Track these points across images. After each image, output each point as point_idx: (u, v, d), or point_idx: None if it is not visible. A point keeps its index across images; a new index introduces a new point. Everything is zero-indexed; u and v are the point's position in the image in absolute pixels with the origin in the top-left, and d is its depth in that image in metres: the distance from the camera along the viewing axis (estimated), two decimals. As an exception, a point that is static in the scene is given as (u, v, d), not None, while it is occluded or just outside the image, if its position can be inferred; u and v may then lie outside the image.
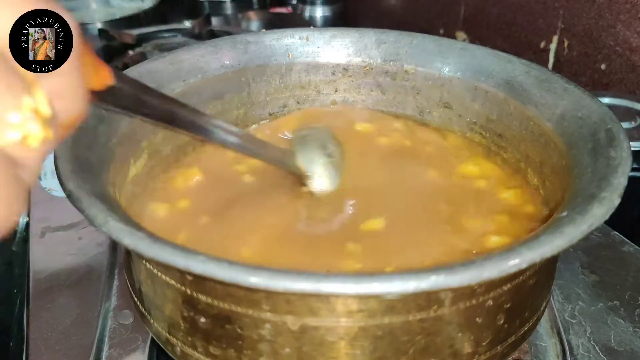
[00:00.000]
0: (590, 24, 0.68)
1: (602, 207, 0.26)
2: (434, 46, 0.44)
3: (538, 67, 0.39)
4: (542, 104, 0.37)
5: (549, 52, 0.75)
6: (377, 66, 0.46)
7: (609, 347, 0.37)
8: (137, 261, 0.30)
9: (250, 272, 0.23)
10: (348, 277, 0.23)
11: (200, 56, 0.42)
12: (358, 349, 0.26)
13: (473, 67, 0.42)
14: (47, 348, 0.38)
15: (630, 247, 0.45)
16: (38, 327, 0.39)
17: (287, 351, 0.27)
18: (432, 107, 0.45)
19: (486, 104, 0.41)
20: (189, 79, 0.41)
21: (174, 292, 0.28)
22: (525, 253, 0.24)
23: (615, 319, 0.39)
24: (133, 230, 0.25)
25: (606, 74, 0.67)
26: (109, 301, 0.41)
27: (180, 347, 0.30)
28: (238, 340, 0.27)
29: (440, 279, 0.22)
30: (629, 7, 0.62)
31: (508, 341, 0.30)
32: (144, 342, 0.38)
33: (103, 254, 0.46)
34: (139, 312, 0.32)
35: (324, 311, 0.25)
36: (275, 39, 0.45)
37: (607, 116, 0.32)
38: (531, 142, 0.38)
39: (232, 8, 1.20)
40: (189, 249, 0.24)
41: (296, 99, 0.47)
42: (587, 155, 0.31)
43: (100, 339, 0.38)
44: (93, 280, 0.43)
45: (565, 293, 0.41)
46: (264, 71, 0.45)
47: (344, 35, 0.46)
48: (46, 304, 0.41)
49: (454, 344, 0.27)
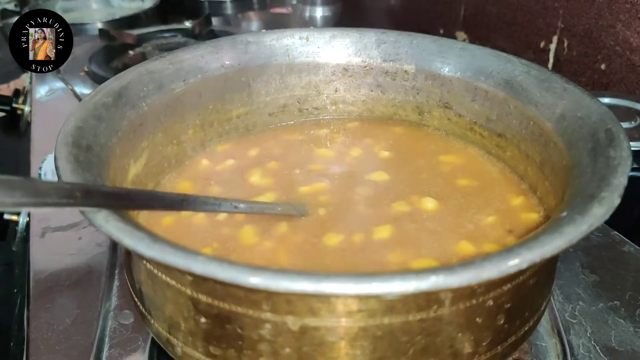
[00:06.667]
0: (590, 24, 0.68)
1: (602, 207, 0.26)
2: (434, 46, 0.44)
3: (538, 67, 0.39)
4: (542, 104, 0.37)
5: (548, 52, 0.75)
6: (377, 66, 0.46)
7: (610, 347, 0.37)
8: (137, 261, 0.30)
9: (251, 273, 0.23)
10: (348, 278, 0.23)
11: (200, 56, 0.42)
12: (358, 349, 0.26)
13: (473, 67, 0.42)
14: (47, 348, 0.38)
15: (630, 247, 0.45)
16: (38, 327, 0.39)
17: (287, 351, 0.27)
18: (432, 107, 0.45)
19: (486, 103, 0.41)
20: (189, 79, 0.41)
21: (175, 292, 0.28)
22: (524, 253, 0.24)
23: (616, 319, 0.39)
24: (133, 230, 0.25)
25: (606, 74, 0.67)
26: (109, 301, 0.41)
27: (180, 347, 0.30)
28: (238, 341, 0.27)
29: (440, 279, 0.22)
30: (629, 7, 0.62)
31: (508, 341, 0.30)
32: (144, 342, 0.38)
33: (103, 254, 0.46)
34: (140, 312, 0.32)
35: (324, 311, 0.25)
36: (275, 39, 0.45)
37: (606, 116, 0.32)
38: (531, 142, 0.38)
39: (232, 8, 1.20)
40: (189, 250, 0.24)
41: (296, 98, 0.47)
42: (587, 155, 0.31)
43: (100, 339, 0.38)
44: (93, 281, 0.43)
45: (565, 293, 0.41)
46: (264, 71, 0.45)
47: (344, 35, 0.46)
48: (46, 304, 0.41)
49: (454, 344, 0.27)
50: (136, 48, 0.86)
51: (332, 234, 0.35)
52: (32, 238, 0.49)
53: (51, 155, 0.48)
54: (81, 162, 0.29)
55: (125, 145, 0.35)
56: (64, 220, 0.50)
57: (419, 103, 0.46)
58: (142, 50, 0.85)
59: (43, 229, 0.49)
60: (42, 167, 0.59)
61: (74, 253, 0.47)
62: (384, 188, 0.39)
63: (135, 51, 0.86)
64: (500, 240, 0.35)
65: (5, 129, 0.87)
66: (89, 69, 0.83)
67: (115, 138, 0.34)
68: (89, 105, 0.34)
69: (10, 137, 0.86)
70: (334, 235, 0.35)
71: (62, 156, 0.29)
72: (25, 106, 0.84)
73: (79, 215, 0.25)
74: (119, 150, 0.34)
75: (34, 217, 0.52)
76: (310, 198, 0.38)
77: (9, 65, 0.60)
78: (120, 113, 0.36)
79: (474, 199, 0.38)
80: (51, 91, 0.80)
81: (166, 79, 0.40)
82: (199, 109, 0.43)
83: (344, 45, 0.46)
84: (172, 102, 0.40)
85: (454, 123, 0.44)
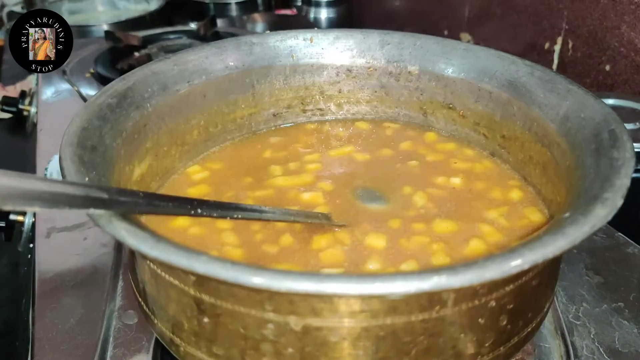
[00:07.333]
0: (595, 25, 0.67)
1: (605, 208, 0.26)
2: (438, 47, 0.44)
3: (541, 67, 0.39)
4: (545, 105, 0.37)
5: (553, 53, 0.75)
6: (380, 67, 0.46)
7: (614, 349, 0.37)
8: (141, 261, 0.30)
9: (253, 273, 0.23)
10: (350, 278, 0.23)
11: (204, 57, 0.43)
12: (360, 350, 0.26)
13: (477, 68, 0.42)
14: (52, 347, 0.38)
15: (634, 249, 0.45)
16: (43, 326, 0.40)
17: (290, 351, 0.27)
18: (435, 108, 0.45)
19: (490, 104, 0.41)
20: (194, 80, 0.42)
21: (178, 292, 0.28)
22: (527, 254, 0.24)
23: (620, 321, 0.39)
24: (137, 230, 0.25)
25: (610, 75, 0.67)
26: (114, 301, 0.41)
27: (183, 347, 0.30)
28: (241, 340, 0.27)
29: (442, 280, 0.22)
30: (634, 8, 0.62)
31: (511, 342, 0.30)
32: (148, 342, 0.38)
33: (108, 255, 0.46)
34: (143, 313, 0.33)
35: (327, 312, 0.25)
36: (280, 40, 0.46)
37: (610, 117, 0.32)
38: (534, 142, 0.38)
39: (237, 10, 1.21)
40: (192, 249, 0.24)
41: (300, 100, 0.47)
42: (590, 156, 0.31)
43: (104, 339, 0.38)
44: (98, 281, 0.43)
45: (569, 294, 0.41)
46: (268, 72, 0.45)
47: (348, 36, 0.46)
48: (51, 303, 0.42)
49: (456, 345, 0.27)
50: (141, 50, 0.87)
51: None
52: (38, 238, 0.49)
53: (57, 156, 0.48)
54: (86, 162, 0.30)
55: (130, 146, 0.36)
56: (70, 220, 0.50)
57: (422, 104, 0.46)
58: (147, 52, 0.86)
59: (48, 230, 0.50)
60: (48, 167, 0.60)
61: (79, 253, 0.47)
62: (387, 188, 0.40)
63: (140, 53, 0.86)
64: (503, 241, 0.35)
65: (11, 130, 0.88)
66: (95, 71, 0.84)
67: (119, 139, 0.34)
68: (93, 106, 0.34)
69: (17, 138, 0.87)
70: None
71: (67, 157, 0.29)
72: (31, 107, 0.84)
73: (84, 215, 0.26)
74: (124, 151, 0.34)
75: (39, 217, 0.52)
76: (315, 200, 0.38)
77: (16, 67, 0.61)
78: (125, 114, 0.36)
79: (477, 199, 0.38)
80: (57, 93, 0.80)
81: (171, 80, 0.40)
82: (203, 110, 0.43)
83: (348, 47, 0.46)
84: (177, 103, 0.40)
85: (457, 124, 0.44)
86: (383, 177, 0.41)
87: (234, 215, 0.30)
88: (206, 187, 0.40)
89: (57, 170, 0.28)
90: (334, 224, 0.35)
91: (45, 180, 0.26)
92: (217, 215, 0.30)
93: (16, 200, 0.21)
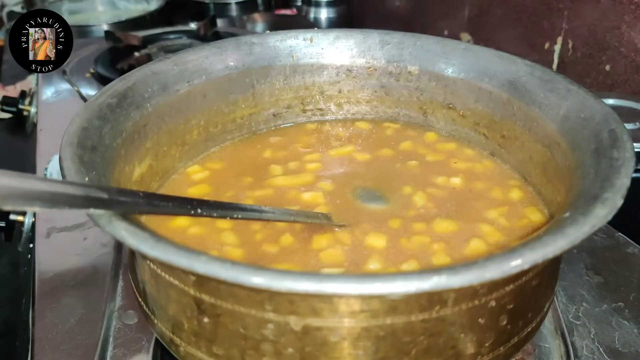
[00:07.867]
0: (595, 25, 0.67)
1: (605, 208, 0.26)
2: (438, 47, 0.44)
3: (541, 67, 0.39)
4: (545, 105, 0.37)
5: (553, 53, 0.75)
6: (380, 67, 0.46)
7: (614, 349, 0.37)
8: (141, 261, 0.30)
9: (253, 273, 0.23)
10: (350, 278, 0.23)
11: (204, 57, 0.43)
12: (360, 350, 0.26)
13: (477, 68, 0.42)
14: (52, 347, 0.38)
15: (634, 249, 0.45)
16: (43, 326, 0.40)
17: (290, 351, 0.27)
18: (435, 108, 0.45)
19: (490, 104, 0.41)
20: (194, 80, 0.42)
21: (178, 292, 0.28)
22: (527, 254, 0.24)
23: (620, 321, 0.39)
24: (137, 230, 0.25)
25: (610, 75, 0.67)
26: (114, 301, 0.41)
27: (183, 347, 0.30)
28: (241, 340, 0.27)
29: (442, 280, 0.22)
30: (634, 8, 0.62)
31: (511, 342, 0.30)
32: (148, 342, 0.38)
33: (108, 255, 0.46)
34: (143, 313, 0.33)
35: (327, 312, 0.25)
36: (279, 40, 0.46)
37: (610, 117, 0.32)
38: (535, 142, 0.38)
39: (237, 10, 1.21)
40: (192, 249, 0.24)
41: (300, 100, 0.47)
42: (590, 156, 0.31)
43: (104, 339, 0.38)
44: (98, 281, 0.43)
45: (569, 294, 0.41)
46: (268, 72, 0.45)
47: (348, 36, 0.46)
48: (51, 303, 0.42)
49: (456, 345, 0.27)
50: (142, 50, 0.87)
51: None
52: (38, 238, 0.49)
53: (57, 156, 0.48)
54: (86, 162, 0.30)
55: (130, 146, 0.36)
56: (70, 220, 0.50)
57: (422, 104, 0.46)
58: (147, 52, 0.86)
59: (48, 230, 0.50)
60: (48, 167, 0.60)
61: (79, 253, 0.47)
62: (387, 188, 0.40)
63: (140, 53, 0.86)
64: (503, 241, 0.35)
65: (11, 130, 0.88)
66: (95, 71, 0.84)
67: (119, 139, 0.34)
68: (93, 106, 0.34)
69: (17, 138, 0.87)
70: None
71: (67, 157, 0.29)
72: (31, 107, 0.84)
73: (84, 215, 0.26)
74: (124, 151, 0.34)
75: (39, 217, 0.52)
76: (315, 200, 0.38)
77: (16, 67, 0.61)
78: (125, 114, 0.36)
79: (478, 199, 0.38)
80: (57, 93, 0.80)
81: (171, 80, 0.40)
82: (203, 110, 0.43)
83: (348, 47, 0.46)
84: (177, 103, 0.40)
85: (457, 124, 0.44)
86: (383, 177, 0.41)
87: (234, 215, 0.31)
88: (206, 187, 0.40)
89: (57, 170, 0.28)
90: (334, 223, 0.35)
91: (45, 180, 0.26)
92: (217, 215, 0.30)
93: (16, 200, 0.21)
